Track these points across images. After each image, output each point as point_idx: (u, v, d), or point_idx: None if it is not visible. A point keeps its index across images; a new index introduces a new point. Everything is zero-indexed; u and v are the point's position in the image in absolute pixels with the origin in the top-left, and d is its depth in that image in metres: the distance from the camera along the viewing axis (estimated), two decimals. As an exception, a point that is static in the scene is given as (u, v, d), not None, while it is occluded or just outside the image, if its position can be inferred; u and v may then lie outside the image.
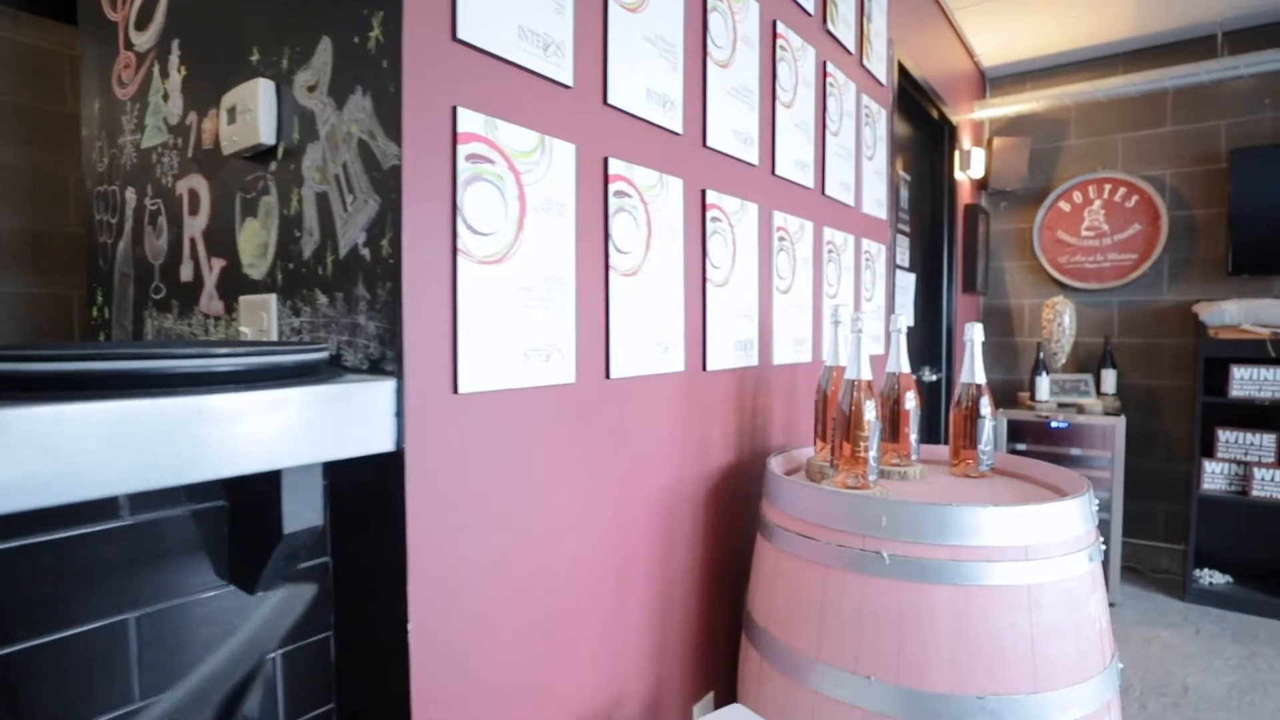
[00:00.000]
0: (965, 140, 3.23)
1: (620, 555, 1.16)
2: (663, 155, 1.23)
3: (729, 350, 1.41)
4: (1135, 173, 3.23)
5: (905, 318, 1.41)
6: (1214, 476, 2.87)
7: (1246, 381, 2.78)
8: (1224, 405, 2.83)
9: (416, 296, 0.83)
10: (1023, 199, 3.51)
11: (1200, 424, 2.84)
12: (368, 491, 0.87)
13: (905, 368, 1.41)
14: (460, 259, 0.87)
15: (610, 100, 1.10)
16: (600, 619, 1.13)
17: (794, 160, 1.63)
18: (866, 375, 1.23)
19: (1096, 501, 1.18)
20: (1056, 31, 3.06)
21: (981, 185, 3.46)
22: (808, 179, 1.70)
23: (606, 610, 1.14)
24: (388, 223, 0.82)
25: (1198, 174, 3.11)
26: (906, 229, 2.74)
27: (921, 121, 2.93)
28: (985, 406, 1.38)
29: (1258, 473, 2.76)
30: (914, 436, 1.40)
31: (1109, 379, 3.18)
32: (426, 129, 0.83)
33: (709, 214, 1.34)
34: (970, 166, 3.19)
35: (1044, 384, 3.11)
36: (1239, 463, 2.83)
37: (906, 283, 2.72)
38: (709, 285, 1.35)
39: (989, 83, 3.57)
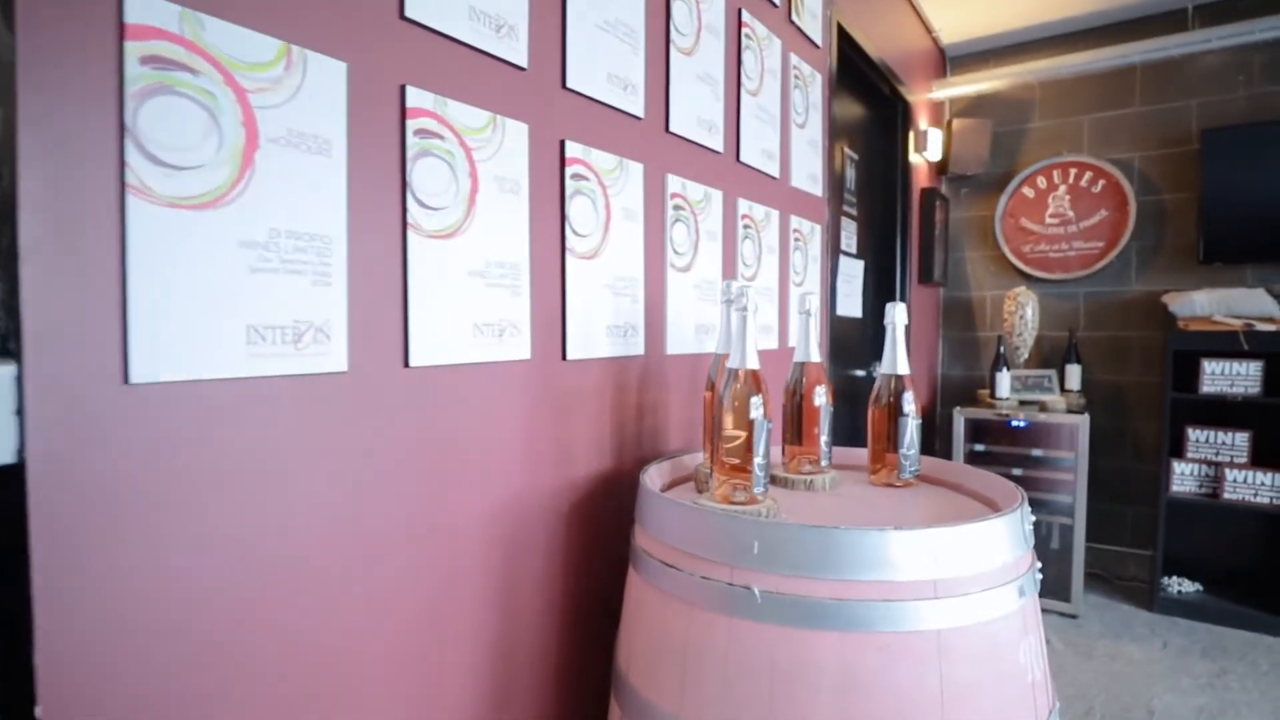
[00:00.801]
0: (921, 120, 3.02)
1: (434, 588, 0.92)
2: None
3: (600, 336, 1.18)
4: (1102, 156, 3.04)
5: (814, 297, 1.19)
6: (1183, 478, 2.68)
7: (1218, 376, 2.60)
8: (1194, 402, 2.65)
9: (58, 248, 0.58)
10: (984, 185, 3.31)
11: (1169, 422, 2.66)
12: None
13: (815, 356, 1.19)
14: (132, 198, 0.63)
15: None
16: (401, 670, 0.89)
17: (695, 117, 1.40)
18: (752, 363, 1.00)
19: (1032, 518, 0.96)
20: (1021, 6, 2.86)
21: (941, 170, 3.25)
22: (715, 141, 1.46)
23: (411, 659, 0.90)
24: None
25: (1167, 157, 2.93)
26: (854, 212, 2.53)
27: (873, 99, 2.72)
28: (909, 403, 1.15)
29: (1229, 474, 2.58)
30: (825, 438, 1.17)
31: (1073, 375, 2.99)
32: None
33: (569, 170, 1.10)
34: (927, 148, 2.98)
35: (1004, 380, 2.91)
36: (1210, 463, 2.65)
37: (853, 270, 2.50)
38: (569, 257, 1.11)
39: (949, 61, 3.37)
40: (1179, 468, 2.68)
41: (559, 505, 1.11)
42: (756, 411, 0.98)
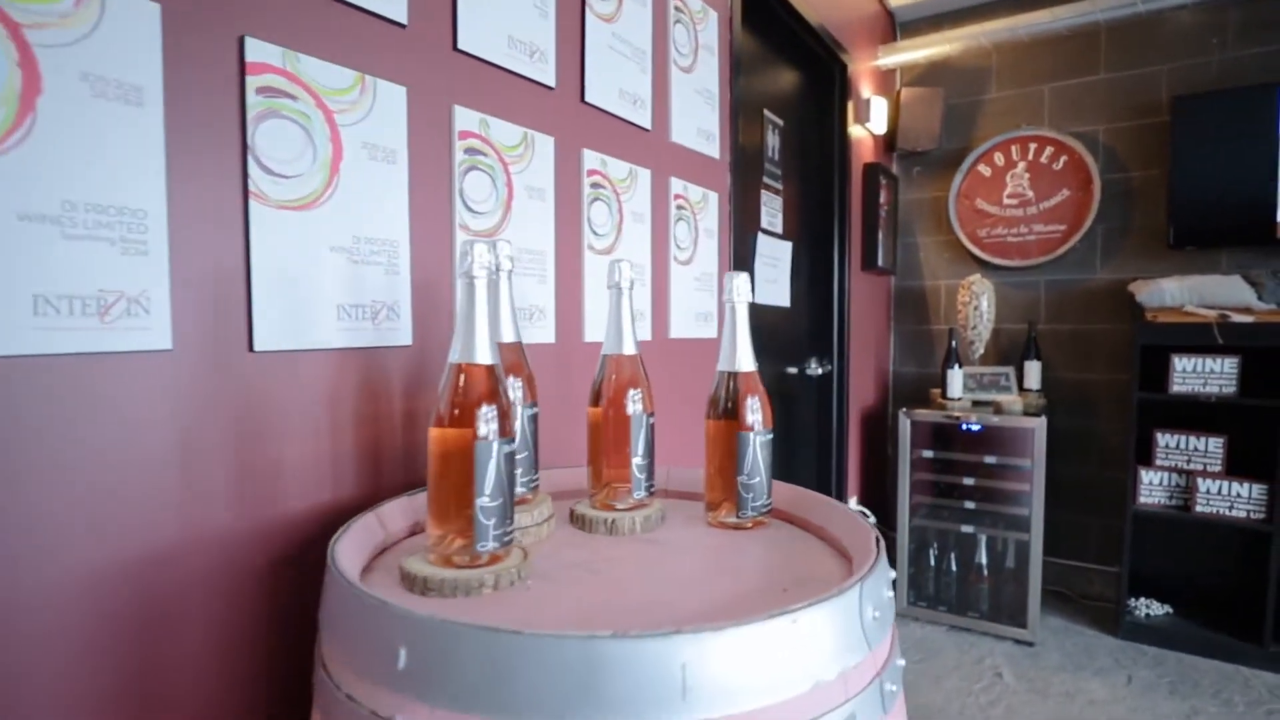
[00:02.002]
0: (864, 88, 2.70)
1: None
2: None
3: (327, 319, 0.84)
4: (1064, 129, 2.74)
5: (628, 264, 0.85)
6: (1152, 488, 2.38)
7: (1189, 374, 2.30)
8: (1163, 403, 2.35)
9: None
10: (937, 162, 3.00)
11: (1136, 425, 2.36)
12: None
13: (630, 348, 0.86)
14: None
15: None
16: None
17: (506, 35, 1.06)
18: (484, 358, 0.66)
19: (890, 592, 0.63)
20: (970, -44, 2.55)
21: (889, 145, 2.94)
22: (542, 72, 1.13)
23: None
24: None
25: (1135, 129, 2.63)
26: (778, 186, 2.20)
27: (804, 60, 2.39)
28: (753, 412, 0.82)
29: (1202, 484, 2.29)
30: (641, 459, 0.84)
31: (1033, 372, 2.69)
32: None
33: (253, 81, 0.76)
34: (870, 119, 2.67)
35: (957, 379, 2.60)
36: (1180, 471, 2.35)
37: (777, 252, 2.17)
38: (255, 205, 0.77)
39: (899, 26, 3.06)
40: (1147, 476, 2.39)
41: (251, 562, 0.77)
42: (488, 425, 0.65)
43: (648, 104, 1.38)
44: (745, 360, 0.84)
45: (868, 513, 2.31)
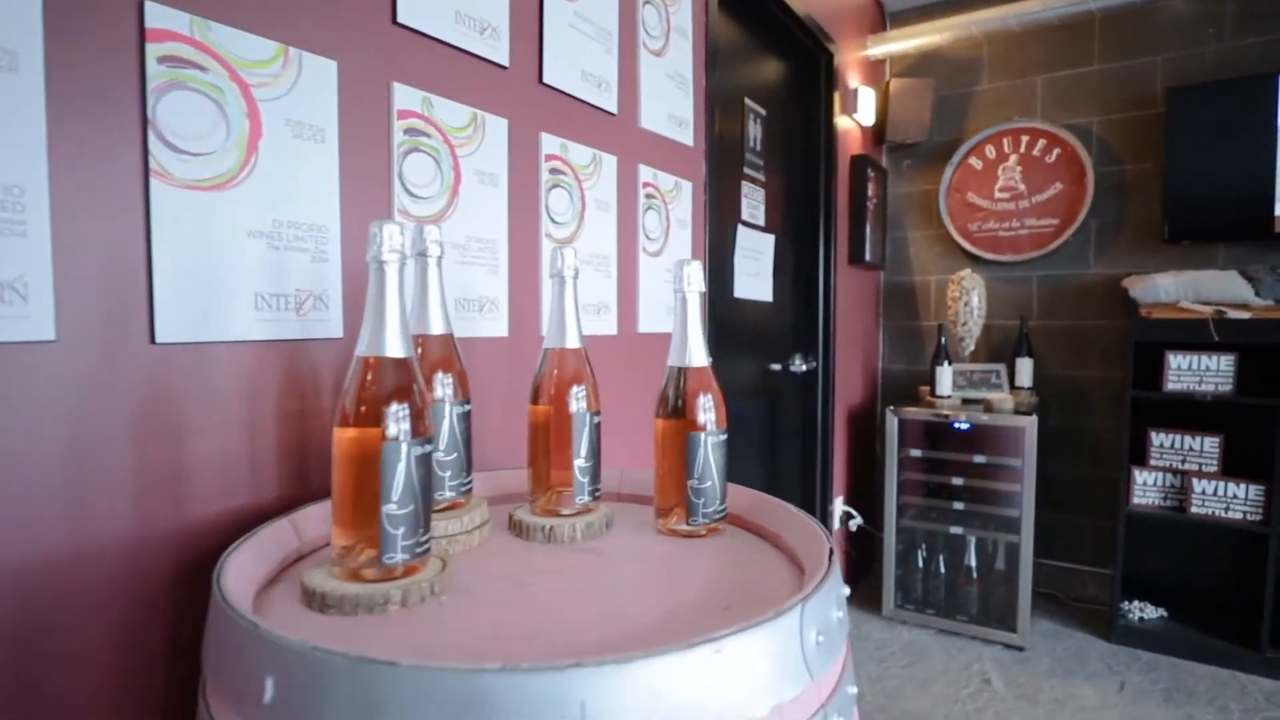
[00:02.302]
0: (851, 78, 2.63)
1: None
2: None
3: (243, 308, 0.77)
4: (1057, 121, 2.68)
5: (572, 251, 0.79)
6: (1146, 489, 2.32)
7: (1184, 372, 2.24)
8: (1158, 401, 2.29)
9: None
10: (928, 155, 2.93)
11: (1130, 424, 2.30)
12: None
13: (574, 342, 0.79)
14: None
15: None
16: None
17: (453, 10, 1.00)
18: (394, 350, 0.60)
19: (840, 613, 0.57)
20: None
21: (878, 138, 2.88)
22: (494, 50, 1.06)
23: None
24: None
25: (1129, 121, 2.57)
26: (760, 177, 2.13)
27: (788, 49, 2.33)
28: (705, 411, 0.76)
29: (1198, 484, 2.23)
30: (584, 461, 0.78)
31: (1025, 369, 2.63)
32: None
33: (154, 49, 0.70)
34: (857, 109, 2.60)
35: (946, 376, 2.54)
36: (1175, 471, 2.29)
37: (759, 245, 2.11)
38: (157, 183, 0.70)
39: (888, 15, 2.99)
40: (1141, 476, 2.33)
41: (150, 569, 0.71)
42: (399, 426, 0.58)
43: (613, 87, 1.31)
44: (697, 355, 0.77)
45: (854, 513, 2.25)
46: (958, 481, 2.50)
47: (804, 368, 2.40)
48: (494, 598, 0.60)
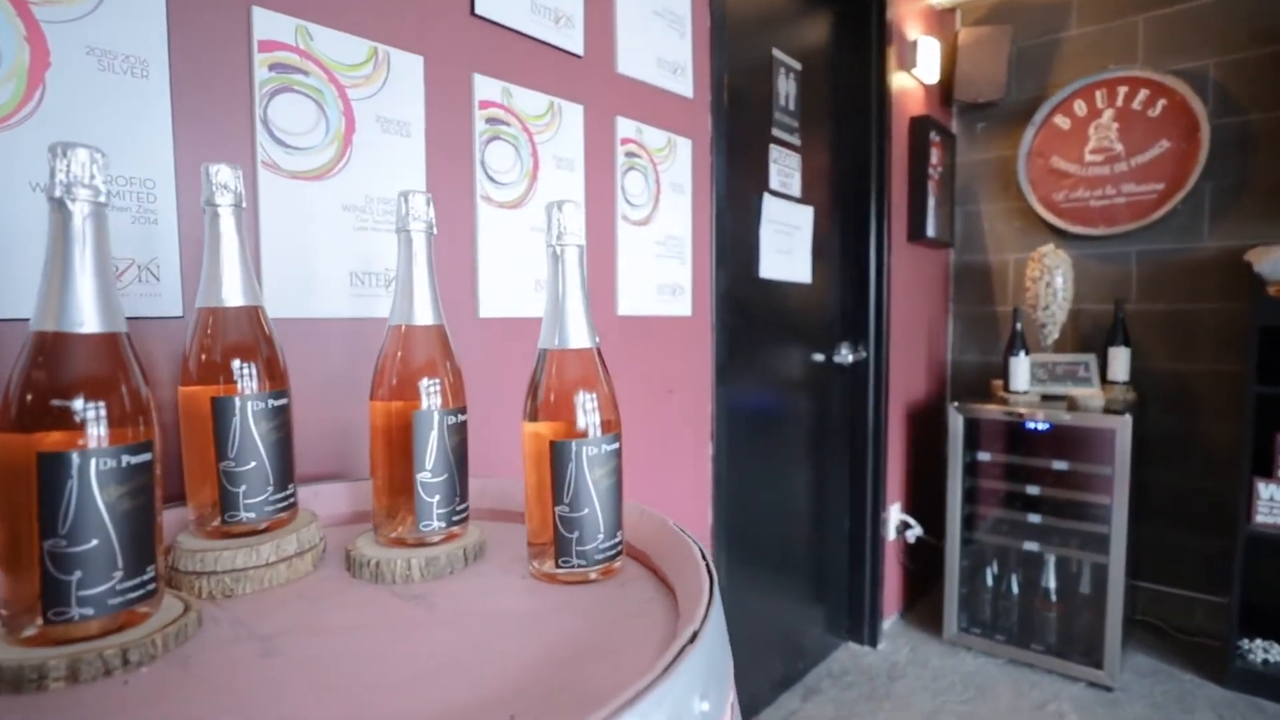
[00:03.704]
0: (910, 28, 2.31)
1: None
2: None
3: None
4: (1163, 67, 2.26)
5: (422, 196, 0.60)
6: (1273, 506, 1.92)
7: (1325, 363, 1.83)
8: (1289, 399, 1.88)
9: None
10: (1004, 116, 2.57)
11: (1253, 427, 1.90)
12: None
13: (427, 317, 0.60)
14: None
15: None
16: None
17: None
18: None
19: (704, 705, 0.35)
20: None
21: (944, 98, 2.54)
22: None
23: None
24: None
25: (1257, 61, 2.13)
26: (793, 140, 1.87)
27: (834, -7, 2.05)
28: (586, 409, 0.55)
29: (1341, 502, 1.81)
30: (430, 477, 0.58)
31: (1119, 361, 2.24)
32: None
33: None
34: (918, 64, 2.28)
35: (1022, 368, 2.19)
36: (1312, 485, 1.88)
37: (792, 218, 1.85)
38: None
39: (961, -42, 2.63)
40: (1267, 490, 1.92)
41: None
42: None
43: (577, 23, 1.11)
44: (577, 333, 0.56)
45: (912, 523, 1.95)
46: (1034, 491, 2.16)
47: (851, 358, 2.13)
48: (211, 673, 0.42)
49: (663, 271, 1.31)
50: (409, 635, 0.47)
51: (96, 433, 0.42)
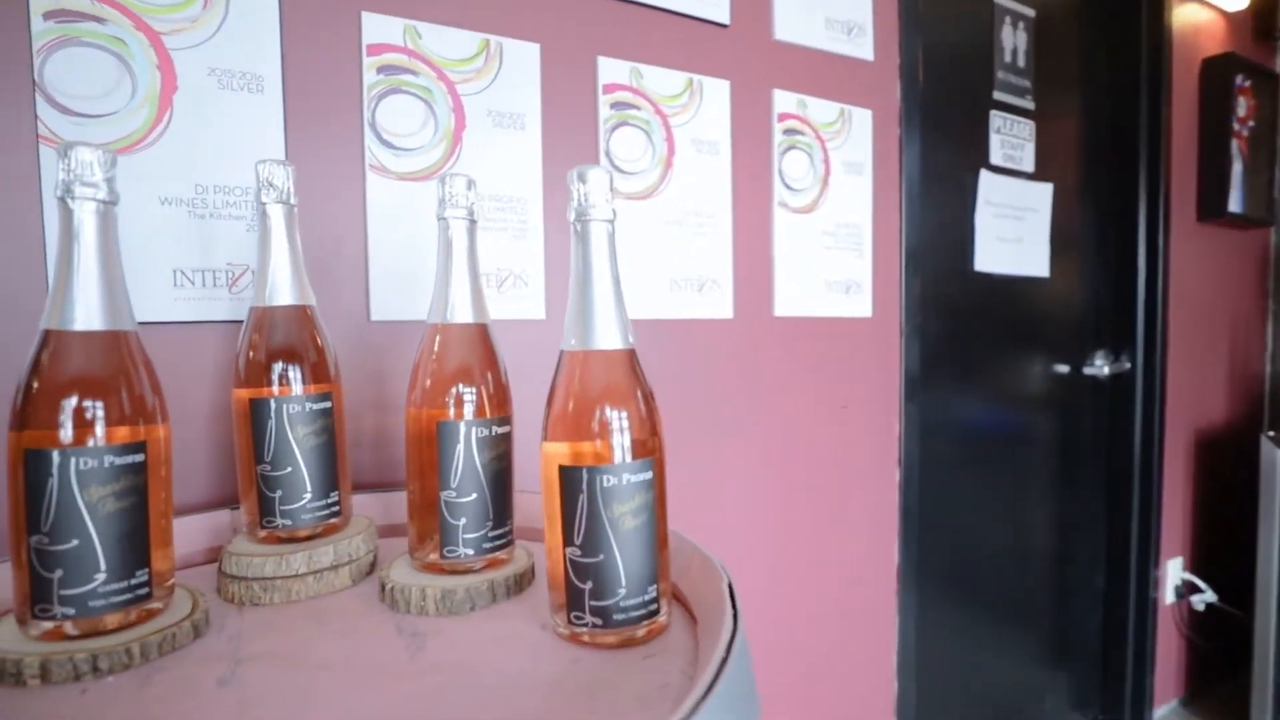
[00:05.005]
0: (1207, -56, 1.79)
1: None
2: None
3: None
4: None
5: (464, 180, 0.54)
6: None
7: None
8: None
9: None
10: (1365, 43, 1.88)
11: None
12: None
13: (465, 314, 0.54)
14: None
15: None
16: None
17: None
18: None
19: None
20: None
21: (1261, 29, 1.93)
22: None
23: None
24: None
25: None
26: (1023, 103, 1.54)
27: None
28: (609, 430, 0.45)
29: None
30: (457, 497, 0.52)
31: None
32: None
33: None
34: (1217, -11, 1.76)
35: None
36: None
37: (1025, 198, 1.53)
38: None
39: None
40: None
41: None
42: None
43: (725, -13, 0.99)
44: (606, 331, 0.45)
45: (1201, 585, 1.51)
46: None
47: (1109, 370, 1.71)
48: (162, 693, 0.39)
49: (833, 265, 1.13)
50: (376, 685, 0.41)
51: (79, 432, 0.41)
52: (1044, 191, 1.58)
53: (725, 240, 1.02)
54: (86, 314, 0.43)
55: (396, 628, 0.48)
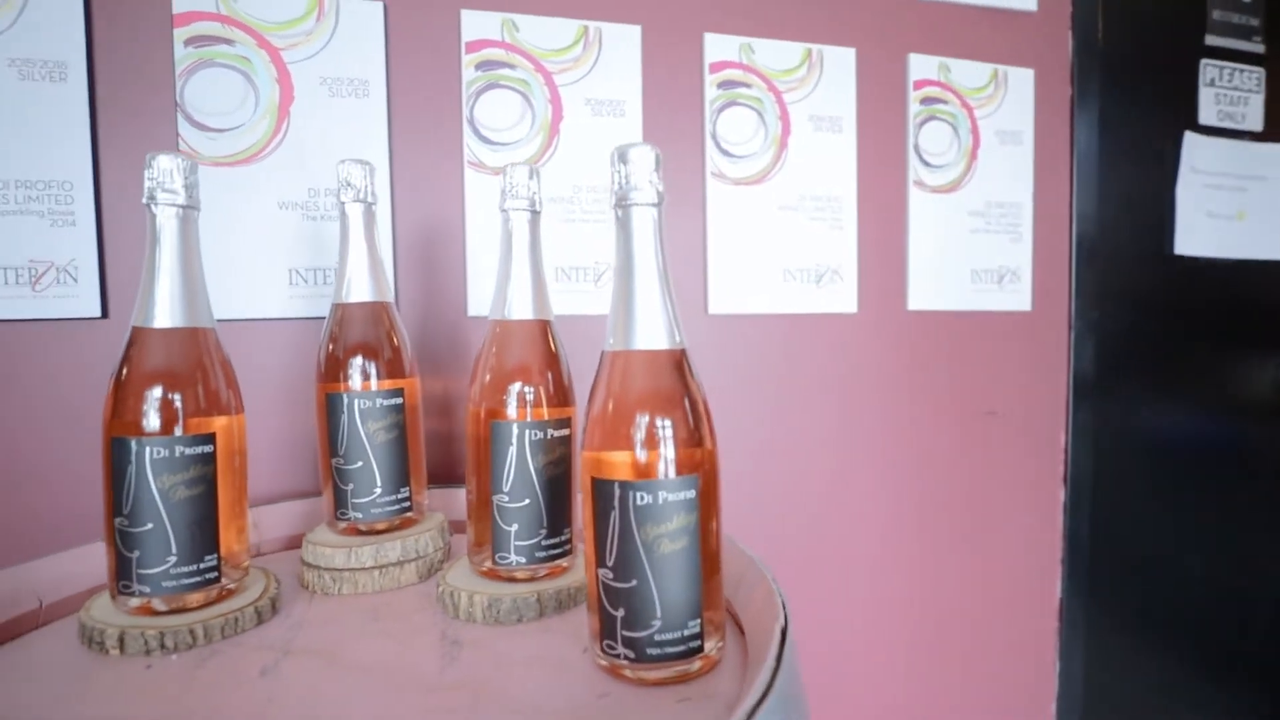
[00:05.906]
0: None
1: None
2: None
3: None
4: None
5: (526, 169, 0.52)
6: None
7: None
8: None
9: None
10: None
11: None
12: None
13: (524, 310, 0.52)
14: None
15: None
16: None
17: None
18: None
19: None
20: None
21: None
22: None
23: None
24: None
25: None
26: (1248, 47, 1.26)
27: None
28: (651, 440, 0.40)
29: None
30: (509, 501, 0.50)
31: None
32: None
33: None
34: None
35: None
36: None
37: (1251, 165, 1.25)
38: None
39: None
40: None
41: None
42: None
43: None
44: (650, 329, 0.41)
45: None
46: None
47: (1366, 375, 1.36)
48: (211, 677, 0.40)
49: (981, 251, 0.99)
50: (399, 696, 0.39)
51: (154, 423, 0.44)
52: (1275, 154, 1.29)
53: (849, 225, 0.92)
54: (164, 312, 0.45)
55: (441, 634, 0.47)
